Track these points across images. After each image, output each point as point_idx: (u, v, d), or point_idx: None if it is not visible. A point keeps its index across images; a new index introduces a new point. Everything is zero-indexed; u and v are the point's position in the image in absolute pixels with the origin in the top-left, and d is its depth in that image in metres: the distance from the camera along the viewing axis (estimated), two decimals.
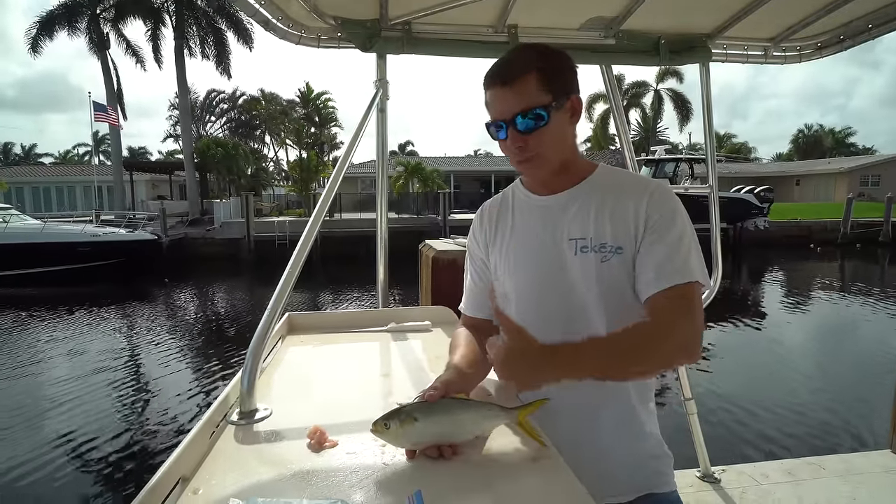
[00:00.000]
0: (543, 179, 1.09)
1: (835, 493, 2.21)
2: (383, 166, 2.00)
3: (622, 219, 1.01)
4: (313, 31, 1.81)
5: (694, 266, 0.96)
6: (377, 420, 0.82)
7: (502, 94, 0.99)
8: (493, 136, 1.05)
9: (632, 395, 1.06)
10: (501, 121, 1.00)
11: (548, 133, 0.99)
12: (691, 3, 1.79)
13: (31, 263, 14.81)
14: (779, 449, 4.75)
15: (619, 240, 1.00)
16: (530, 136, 0.99)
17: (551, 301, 1.06)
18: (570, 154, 1.07)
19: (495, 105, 1.01)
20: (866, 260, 19.04)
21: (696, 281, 0.95)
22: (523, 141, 1.00)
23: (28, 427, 5.51)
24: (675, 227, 0.98)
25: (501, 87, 0.99)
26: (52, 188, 31.98)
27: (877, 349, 7.99)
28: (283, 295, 1.11)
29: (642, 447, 1.07)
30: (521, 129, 0.98)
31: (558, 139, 1.02)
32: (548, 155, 1.02)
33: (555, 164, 1.04)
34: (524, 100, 0.97)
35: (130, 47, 23.90)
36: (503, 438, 0.89)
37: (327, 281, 14.95)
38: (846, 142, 53.88)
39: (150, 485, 0.70)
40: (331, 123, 31.09)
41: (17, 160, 53.49)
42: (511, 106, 0.98)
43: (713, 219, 2.13)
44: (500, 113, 1.00)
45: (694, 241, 1.00)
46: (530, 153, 1.01)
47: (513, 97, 0.98)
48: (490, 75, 1.01)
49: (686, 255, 0.96)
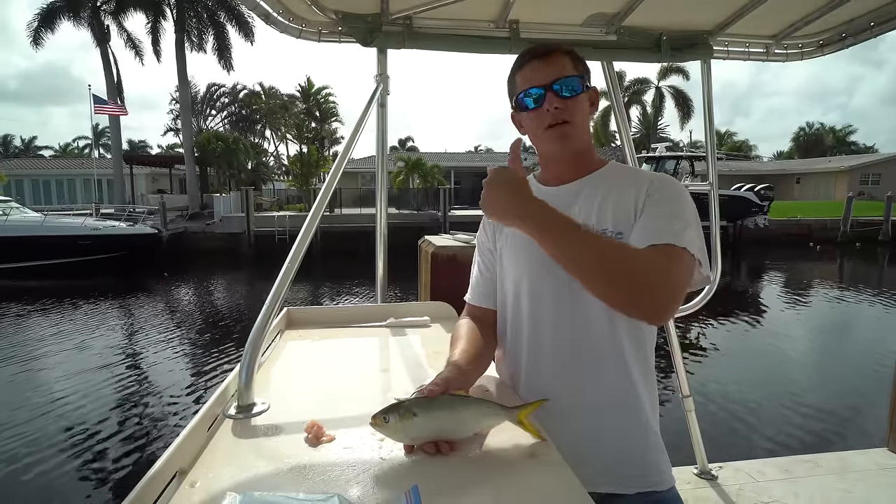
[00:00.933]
0: (564, 162, 1.11)
1: (831, 490, 2.22)
2: (383, 161, 2.00)
3: (623, 206, 1.02)
4: (314, 26, 1.80)
5: (689, 236, 0.94)
6: (376, 413, 0.81)
7: (541, 64, 1.05)
8: (520, 109, 1.09)
9: (634, 391, 1.06)
10: (539, 85, 1.04)
11: (581, 103, 1.05)
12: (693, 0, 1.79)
13: (32, 256, 14.84)
14: (776, 446, 4.77)
15: (619, 225, 1.01)
16: (568, 101, 1.03)
17: (552, 287, 1.06)
18: (589, 140, 1.11)
19: (532, 74, 1.06)
20: (866, 259, 19.05)
21: (687, 249, 0.92)
22: (562, 103, 1.03)
23: (27, 419, 5.52)
24: (675, 202, 0.99)
25: (541, 59, 1.05)
26: (52, 181, 31.90)
27: (874, 348, 8.01)
28: (282, 289, 1.11)
29: (642, 444, 1.08)
30: (561, 93, 1.03)
31: (586, 117, 1.07)
32: (579, 125, 1.06)
33: (581, 140, 1.08)
34: (563, 69, 1.04)
35: (131, 40, 23.88)
36: (500, 434, 0.89)
37: (327, 276, 14.96)
38: (847, 140, 53.80)
39: (147, 477, 0.70)
40: (331, 118, 31.02)
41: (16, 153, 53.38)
42: (550, 74, 1.04)
43: (713, 216, 2.13)
44: (538, 79, 1.04)
45: (696, 221, 0.99)
46: (565, 117, 1.04)
47: (552, 67, 1.04)
48: (526, 53, 1.08)
49: (684, 225, 0.95)
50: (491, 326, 1.21)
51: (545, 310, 1.08)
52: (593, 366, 1.05)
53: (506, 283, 1.17)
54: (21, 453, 4.77)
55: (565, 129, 1.05)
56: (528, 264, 1.10)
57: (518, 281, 1.13)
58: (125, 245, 15.81)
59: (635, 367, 1.05)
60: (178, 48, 23.67)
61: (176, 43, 23.59)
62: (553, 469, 0.79)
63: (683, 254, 0.92)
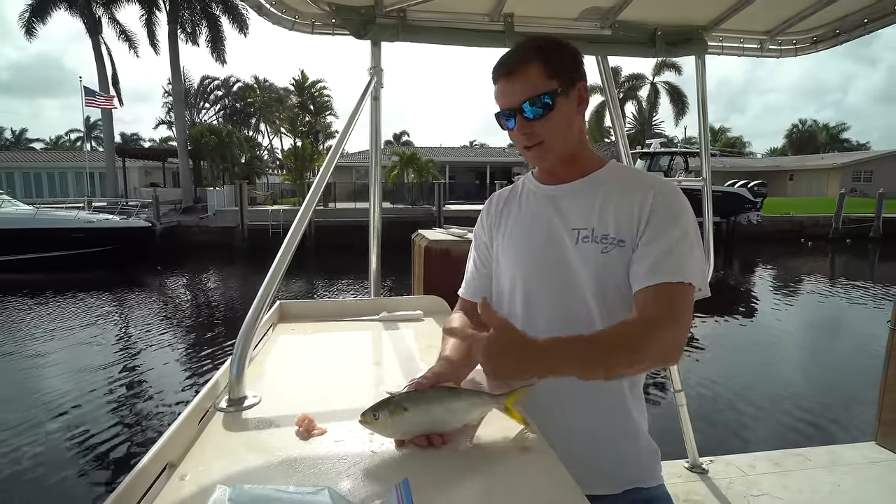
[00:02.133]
0: (551, 167, 1.10)
1: (820, 483, 2.24)
2: (377, 155, 1.99)
3: (626, 213, 1.00)
4: (307, 17, 1.79)
5: (690, 267, 0.94)
6: (366, 411, 0.81)
7: (509, 84, 1.01)
8: (502, 127, 1.07)
9: (622, 389, 1.07)
10: (509, 109, 1.02)
11: (554, 120, 1.00)
12: None
13: (25, 249, 14.71)
14: (766, 440, 4.82)
15: (621, 233, 1.00)
16: (537, 123, 1.00)
17: (549, 288, 1.07)
18: (578, 143, 1.07)
19: (503, 96, 1.03)
20: (857, 255, 19.20)
21: (689, 283, 0.94)
22: (530, 127, 1.01)
23: (17, 410, 5.49)
24: (677, 225, 0.97)
25: (507, 77, 1.01)
26: (43, 174, 31.62)
27: (864, 342, 8.07)
28: (274, 282, 1.11)
29: (631, 441, 1.08)
30: (528, 116, 1.00)
31: (565, 126, 1.03)
32: (554, 142, 1.03)
33: (561, 152, 1.05)
34: (530, 88, 0.99)
35: (124, 32, 23.63)
36: (491, 427, 0.89)
37: (320, 270, 14.93)
38: (840, 137, 54.09)
39: (136, 470, 0.70)
40: (326, 112, 30.84)
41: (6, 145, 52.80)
42: (518, 95, 1.00)
43: (706, 212, 2.13)
44: (508, 102, 1.02)
45: (697, 242, 0.99)
46: (537, 140, 1.02)
47: (519, 86, 1.00)
48: (496, 68, 1.03)
49: (685, 254, 0.95)
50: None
51: (539, 308, 1.08)
52: None
53: (501, 279, 1.17)
54: (11, 445, 4.74)
55: (539, 151, 1.04)
56: (524, 263, 1.10)
57: (513, 278, 1.13)
58: (119, 238, 15.71)
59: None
60: (171, 40, 23.44)
61: (169, 35, 23.36)
62: (544, 464, 0.80)
63: (688, 289, 0.94)
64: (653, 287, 0.94)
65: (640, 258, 0.97)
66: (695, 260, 0.96)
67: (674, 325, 0.91)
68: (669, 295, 0.93)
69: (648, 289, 0.94)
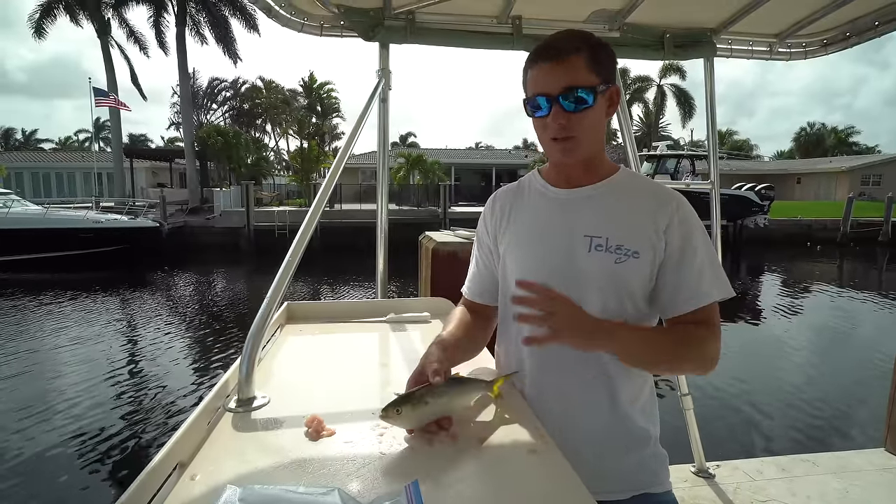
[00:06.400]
0: (572, 167, 1.06)
1: (828, 489, 2.22)
2: (384, 157, 1.99)
3: (640, 223, 1.00)
4: (316, 20, 1.80)
5: (722, 280, 1.02)
6: (387, 406, 0.84)
7: (551, 68, 0.96)
8: (528, 114, 1.03)
9: (636, 395, 1.06)
10: (546, 94, 0.97)
11: (589, 116, 0.97)
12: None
13: (34, 249, 14.86)
14: (774, 445, 4.78)
15: (636, 244, 0.99)
16: (573, 116, 0.96)
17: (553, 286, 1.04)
18: (599, 147, 1.05)
19: (541, 79, 0.97)
20: (865, 259, 19.03)
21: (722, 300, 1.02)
22: (566, 118, 0.97)
23: (27, 411, 5.53)
24: (699, 249, 1.01)
25: (551, 61, 0.96)
26: (52, 174, 31.86)
27: (873, 348, 8.01)
28: (283, 283, 1.11)
29: (641, 447, 1.07)
30: (567, 107, 0.96)
31: (597, 126, 1.00)
32: (584, 139, 1.00)
33: (588, 151, 1.02)
34: (574, 77, 0.95)
35: (133, 34, 23.80)
36: (501, 429, 0.90)
37: (327, 271, 14.94)
38: (848, 141, 53.67)
39: (147, 469, 0.70)
40: (333, 114, 30.95)
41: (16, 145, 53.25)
42: (559, 81, 0.95)
43: (714, 216, 2.13)
44: (546, 86, 0.96)
45: (715, 258, 1.03)
46: (569, 133, 0.98)
47: (563, 72, 0.95)
48: (538, 50, 0.98)
49: (713, 274, 1.01)
50: (485, 319, 1.22)
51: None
52: (594, 367, 1.03)
53: (508, 279, 1.15)
54: (21, 445, 4.78)
55: (569, 145, 1.00)
56: (533, 267, 1.08)
57: (522, 277, 1.11)
58: (127, 238, 15.82)
59: (637, 370, 1.05)
60: (179, 41, 23.59)
61: (177, 36, 23.51)
62: (553, 466, 0.80)
63: (716, 307, 1.02)
64: (692, 313, 1.00)
65: (673, 285, 1.01)
66: (719, 274, 1.03)
67: (716, 340, 1.01)
68: (707, 316, 1.01)
69: (688, 314, 1.01)
